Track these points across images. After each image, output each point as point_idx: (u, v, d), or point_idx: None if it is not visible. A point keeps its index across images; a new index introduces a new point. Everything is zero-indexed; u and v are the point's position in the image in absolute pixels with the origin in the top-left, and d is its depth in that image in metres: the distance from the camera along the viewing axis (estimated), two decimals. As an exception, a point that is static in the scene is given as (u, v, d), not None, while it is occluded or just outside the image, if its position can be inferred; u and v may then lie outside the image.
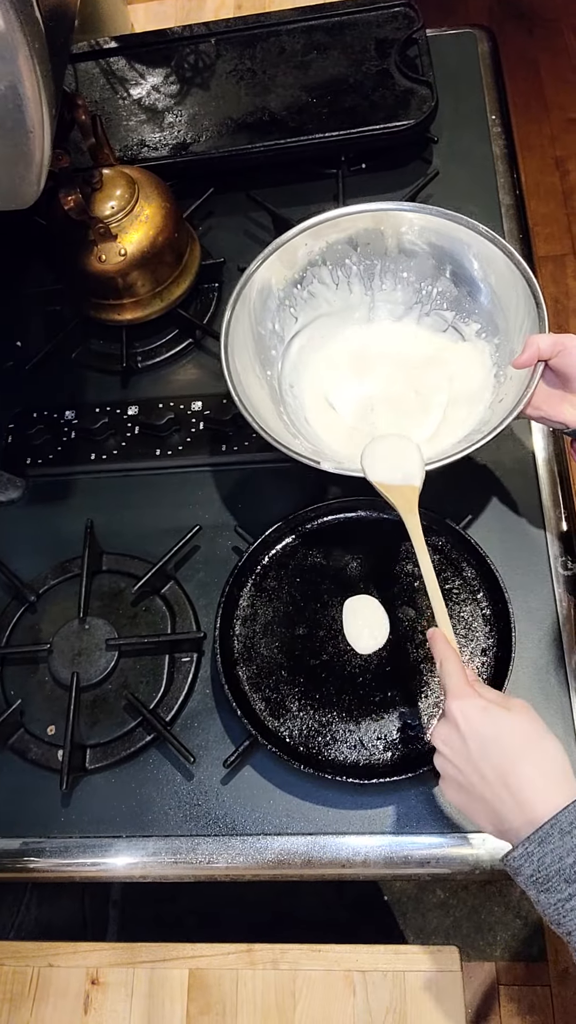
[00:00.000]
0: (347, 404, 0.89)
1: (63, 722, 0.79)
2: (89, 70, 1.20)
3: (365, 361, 0.91)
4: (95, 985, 0.78)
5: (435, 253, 0.88)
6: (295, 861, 0.74)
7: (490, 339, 0.87)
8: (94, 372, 1.01)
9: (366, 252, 0.90)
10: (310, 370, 0.91)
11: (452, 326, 0.90)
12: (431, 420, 0.86)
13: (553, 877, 0.51)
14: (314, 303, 0.92)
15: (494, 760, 0.56)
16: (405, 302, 0.92)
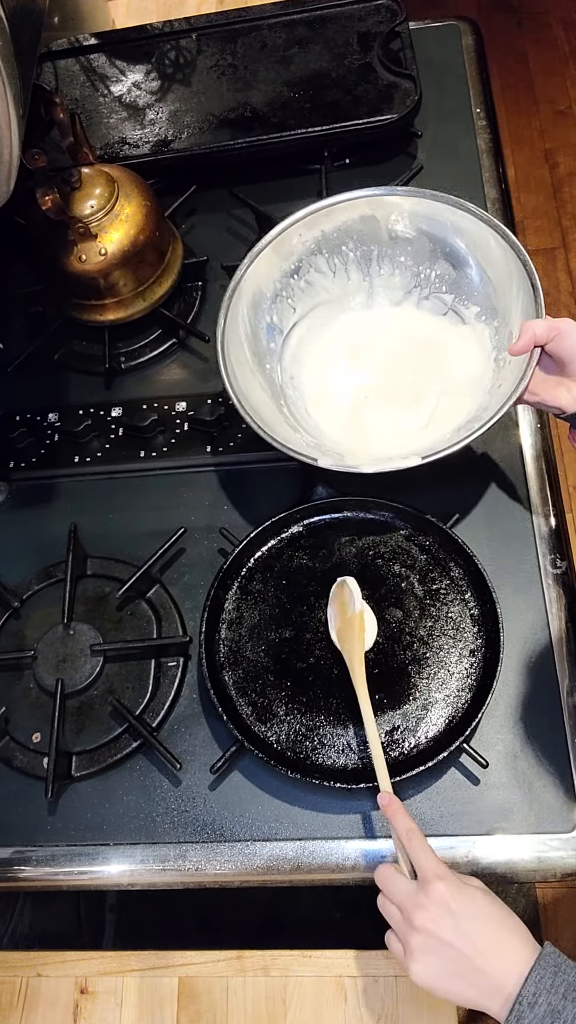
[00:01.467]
0: (343, 393, 0.88)
1: (48, 729, 0.78)
2: (69, 67, 1.18)
3: (363, 349, 0.91)
4: (84, 994, 0.77)
5: (431, 237, 0.88)
6: (284, 867, 0.73)
7: (489, 322, 0.86)
8: (77, 374, 1.00)
9: (362, 238, 0.89)
10: (310, 360, 0.91)
11: (452, 309, 0.89)
12: (424, 409, 0.86)
13: None
14: (312, 292, 0.91)
15: (476, 940, 0.58)
16: (404, 286, 0.91)
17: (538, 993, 0.55)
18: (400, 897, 0.61)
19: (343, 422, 0.87)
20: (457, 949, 0.58)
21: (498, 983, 0.57)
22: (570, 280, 2.05)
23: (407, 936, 0.60)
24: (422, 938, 0.59)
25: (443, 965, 0.58)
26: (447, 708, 0.74)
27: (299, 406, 0.88)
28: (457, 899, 0.59)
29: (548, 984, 0.55)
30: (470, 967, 0.57)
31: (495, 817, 0.72)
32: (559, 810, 0.71)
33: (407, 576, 0.80)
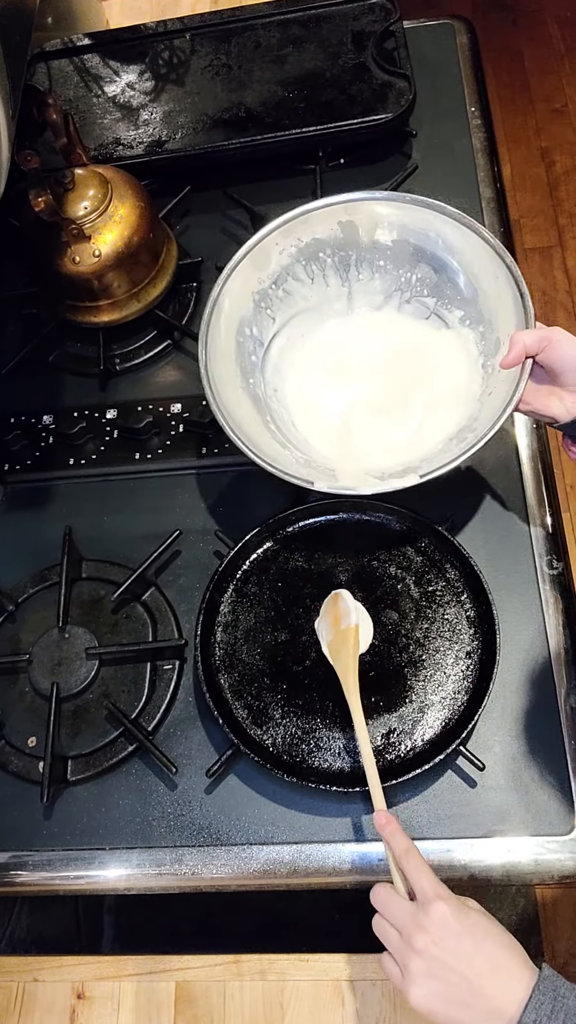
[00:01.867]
0: (329, 405, 0.87)
1: (44, 733, 0.78)
2: (63, 68, 1.18)
3: (346, 357, 0.89)
4: (81, 999, 0.77)
5: (411, 241, 0.86)
6: (280, 871, 0.73)
7: (474, 327, 0.85)
8: (71, 375, 1.00)
9: (340, 244, 0.87)
10: (293, 371, 0.89)
11: (434, 313, 0.88)
12: (413, 419, 0.85)
13: None
14: (290, 300, 0.90)
15: (476, 963, 0.57)
16: (384, 291, 0.90)
17: (538, 1020, 0.54)
18: (399, 918, 0.59)
19: (331, 435, 0.86)
20: (459, 973, 0.56)
21: (497, 1007, 0.56)
22: (567, 278, 2.04)
23: (407, 959, 0.58)
24: (424, 962, 0.57)
25: (444, 990, 0.57)
26: (443, 710, 0.74)
27: (285, 420, 0.86)
28: (459, 920, 0.58)
29: (548, 1011, 0.54)
30: (470, 991, 0.56)
31: (492, 820, 0.72)
32: (556, 812, 0.71)
33: (403, 578, 0.80)
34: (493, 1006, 0.56)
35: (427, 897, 0.59)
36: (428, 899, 0.58)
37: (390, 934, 0.60)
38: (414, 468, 0.77)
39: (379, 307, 0.90)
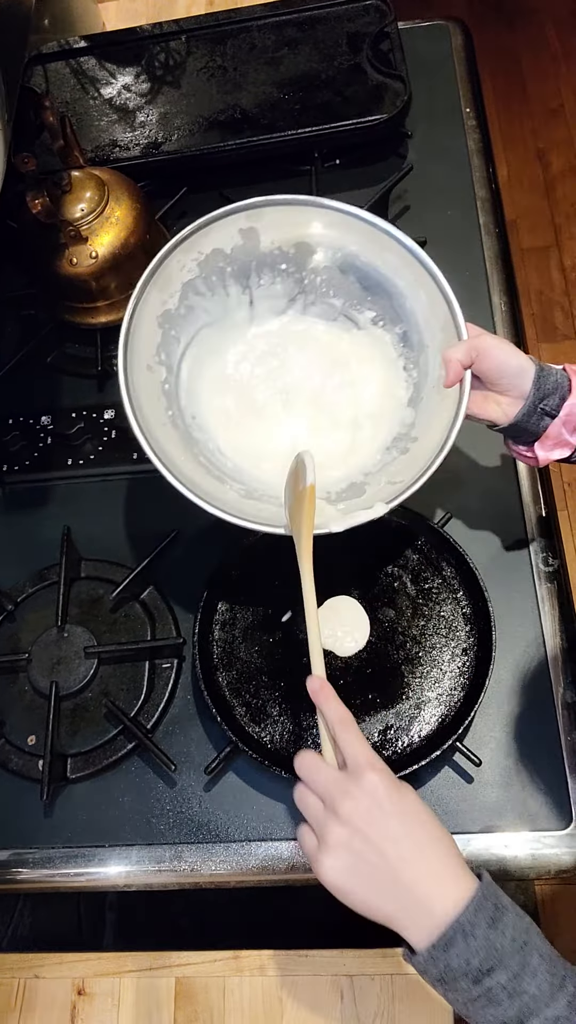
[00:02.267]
0: (251, 424, 0.82)
1: (43, 732, 0.78)
2: (59, 70, 1.18)
3: (258, 371, 0.84)
4: (82, 996, 0.77)
5: (313, 243, 0.81)
6: (279, 867, 0.73)
7: (390, 327, 0.82)
8: (69, 376, 1.00)
9: (240, 251, 0.81)
10: (205, 393, 0.82)
11: (343, 314, 0.83)
12: (342, 431, 0.81)
13: (460, 979, 0.49)
14: (192, 317, 0.81)
15: (405, 848, 0.52)
16: (287, 294, 0.84)
17: (476, 924, 0.49)
18: (325, 785, 0.54)
19: (259, 456, 0.80)
20: (382, 853, 0.51)
21: (422, 899, 0.51)
22: (563, 278, 2.05)
23: (326, 826, 0.53)
24: (345, 832, 0.52)
25: (361, 867, 0.52)
26: (440, 707, 0.75)
27: (210, 448, 0.79)
28: (392, 797, 0.53)
29: (488, 917, 0.50)
30: (392, 876, 0.51)
31: (489, 815, 0.72)
32: (553, 807, 0.72)
33: (399, 575, 0.80)
34: (418, 897, 0.51)
35: (359, 766, 0.54)
36: (361, 768, 0.54)
37: (311, 802, 0.55)
38: (359, 484, 0.76)
39: (282, 311, 0.85)
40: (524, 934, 0.50)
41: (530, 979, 0.49)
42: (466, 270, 0.98)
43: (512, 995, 0.48)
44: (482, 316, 0.95)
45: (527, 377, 0.69)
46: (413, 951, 0.51)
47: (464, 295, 0.96)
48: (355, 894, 0.52)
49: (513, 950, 0.49)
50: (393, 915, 0.51)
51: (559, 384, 0.69)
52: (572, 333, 1.98)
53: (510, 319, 0.95)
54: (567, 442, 0.71)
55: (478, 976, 0.49)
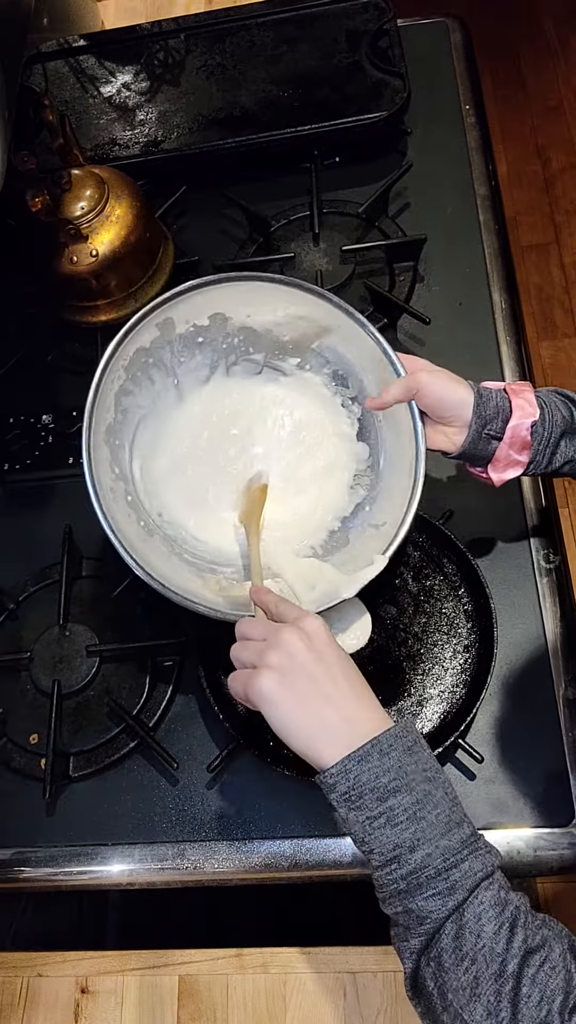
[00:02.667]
0: (218, 506, 0.81)
1: (45, 730, 0.78)
2: (59, 69, 1.18)
3: (202, 448, 0.82)
4: (85, 994, 0.77)
5: (228, 314, 0.78)
6: (281, 864, 0.73)
7: (318, 370, 0.81)
8: (70, 375, 1.00)
9: (158, 341, 0.77)
10: (160, 484, 0.79)
11: (266, 366, 0.82)
12: (306, 484, 0.81)
13: (366, 795, 0.51)
14: (128, 419, 0.78)
15: (337, 673, 0.55)
16: (208, 363, 0.81)
17: (393, 747, 0.52)
18: (264, 631, 0.58)
19: (237, 534, 0.79)
20: (314, 675, 0.55)
21: (346, 720, 0.54)
22: (563, 275, 2.05)
23: (264, 654, 0.56)
24: (282, 653, 0.55)
25: (295, 682, 0.54)
26: (442, 704, 0.75)
27: (185, 538, 0.78)
28: (329, 639, 0.57)
29: (405, 746, 0.53)
30: (323, 696, 0.54)
31: (491, 812, 0.72)
32: (555, 803, 0.72)
33: (401, 573, 0.80)
34: (343, 717, 0.54)
35: (300, 616, 0.58)
36: (300, 615, 0.58)
37: (249, 646, 0.58)
38: (340, 532, 0.77)
39: (207, 380, 0.82)
40: (435, 771, 0.53)
41: (431, 808, 0.51)
42: (466, 267, 0.98)
43: (412, 819, 0.51)
44: (482, 313, 0.95)
45: (468, 407, 0.69)
46: (323, 772, 0.53)
47: (464, 292, 0.97)
48: (283, 706, 0.54)
49: (422, 779, 0.52)
50: (317, 734, 0.54)
51: (500, 408, 0.69)
52: (572, 331, 1.98)
53: (510, 316, 0.95)
54: (517, 461, 0.71)
55: (384, 794, 0.51)
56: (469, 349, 0.93)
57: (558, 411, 0.70)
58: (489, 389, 0.71)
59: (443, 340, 0.94)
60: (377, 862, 0.52)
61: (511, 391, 0.70)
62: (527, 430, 0.69)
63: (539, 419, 0.69)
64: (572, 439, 0.70)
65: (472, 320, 0.95)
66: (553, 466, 0.71)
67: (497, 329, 0.94)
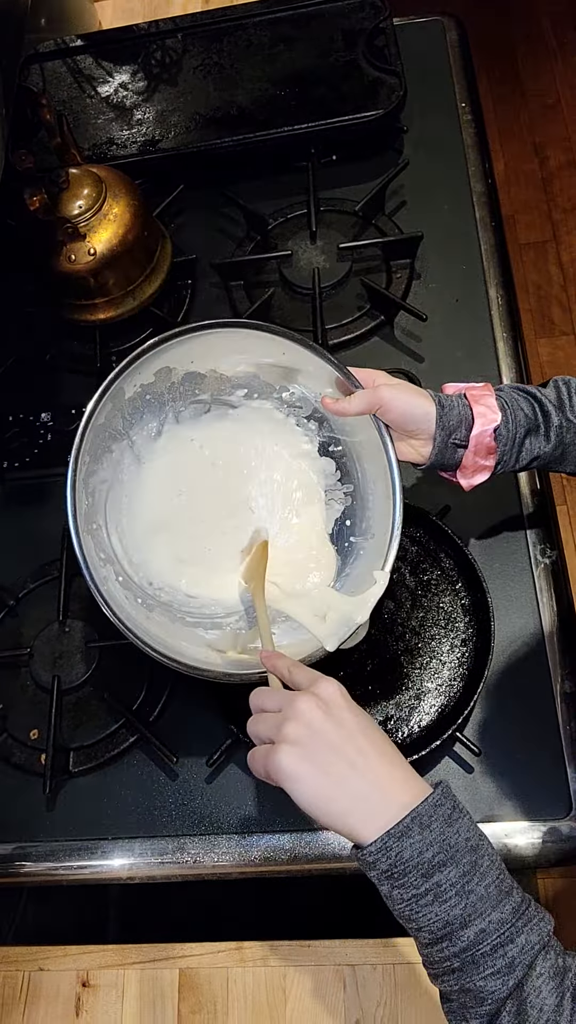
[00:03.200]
0: (208, 559, 0.78)
1: (45, 726, 0.79)
2: (56, 69, 1.19)
3: (177, 505, 0.78)
4: (86, 988, 0.77)
5: (171, 364, 0.74)
6: (281, 858, 0.74)
7: (267, 395, 0.78)
8: (69, 373, 1.01)
9: (110, 414, 0.73)
10: (144, 553, 0.75)
11: (214, 403, 0.79)
12: (282, 512, 0.79)
13: (410, 872, 0.49)
14: (97, 496, 0.74)
15: (364, 746, 0.52)
16: (156, 418, 0.77)
17: (433, 818, 0.49)
18: (279, 701, 0.55)
19: (233, 584, 0.77)
20: (337, 745, 0.51)
21: (378, 792, 0.51)
22: (561, 273, 2.05)
23: (281, 728, 0.52)
24: (300, 725, 0.52)
25: (317, 755, 0.51)
26: (440, 697, 0.75)
27: (184, 600, 0.75)
28: (348, 702, 0.54)
29: (445, 814, 0.50)
30: (349, 766, 0.51)
31: (490, 805, 0.73)
32: (553, 796, 0.72)
33: (398, 567, 0.81)
34: (374, 789, 0.51)
35: (314, 680, 0.55)
36: (315, 679, 0.55)
37: (265, 719, 0.55)
38: (331, 552, 0.76)
39: (158, 434, 0.77)
40: (478, 838, 0.51)
41: (479, 880, 0.49)
42: (463, 264, 0.98)
43: (460, 893, 0.48)
44: (479, 310, 0.95)
45: (432, 419, 0.69)
46: (361, 850, 0.50)
47: (461, 289, 0.97)
48: (311, 783, 0.51)
49: (466, 849, 0.49)
50: (347, 808, 0.51)
51: (463, 417, 0.69)
52: (570, 329, 1.99)
53: (507, 313, 0.95)
54: (484, 466, 0.71)
55: (429, 870, 0.49)
56: (466, 346, 0.93)
57: (520, 410, 0.69)
58: (450, 398, 0.70)
59: (440, 337, 0.95)
60: (426, 939, 0.50)
61: (472, 398, 0.70)
62: (490, 436, 0.69)
63: (502, 422, 0.68)
64: (536, 435, 0.70)
65: (469, 317, 0.95)
66: (520, 464, 0.71)
67: (494, 326, 0.94)
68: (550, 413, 0.69)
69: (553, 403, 0.70)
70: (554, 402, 0.70)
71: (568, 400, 0.70)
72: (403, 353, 0.95)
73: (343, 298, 0.98)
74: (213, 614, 0.75)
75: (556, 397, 0.70)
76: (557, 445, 0.70)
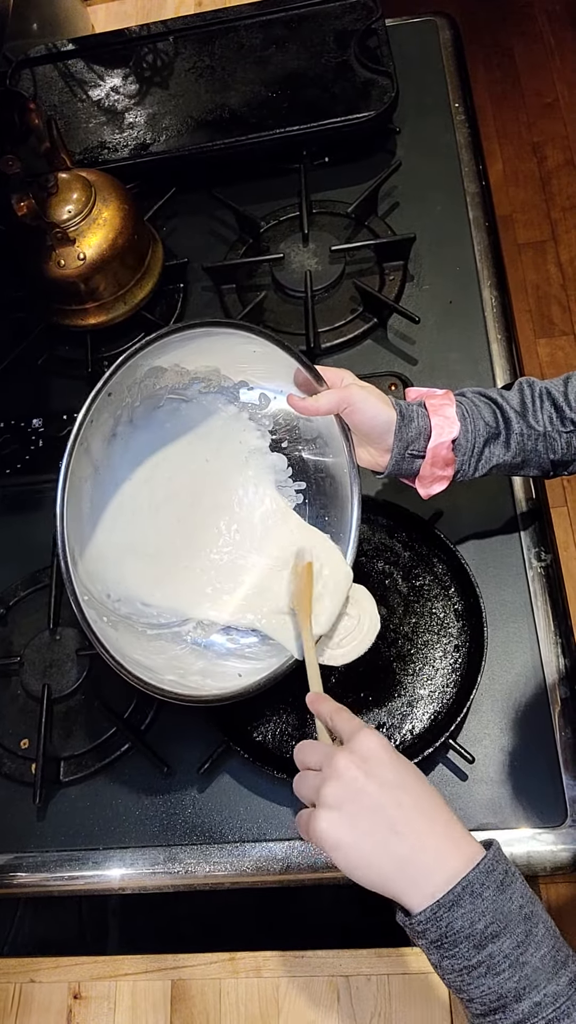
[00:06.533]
0: (180, 564, 0.76)
1: (36, 735, 0.78)
2: (48, 74, 1.18)
3: (129, 508, 0.74)
4: (78, 1000, 0.77)
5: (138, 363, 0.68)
6: (274, 867, 0.73)
7: (221, 388, 0.75)
8: (60, 379, 1.00)
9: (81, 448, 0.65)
10: (101, 564, 0.71)
11: (168, 396, 0.74)
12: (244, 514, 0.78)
13: (461, 943, 0.46)
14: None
15: (407, 802, 0.50)
16: (113, 415, 0.71)
17: (486, 886, 0.47)
18: (319, 758, 0.53)
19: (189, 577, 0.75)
20: (379, 804, 0.49)
21: (425, 857, 0.48)
22: (560, 272, 2.04)
23: (321, 789, 0.51)
24: (340, 786, 0.50)
25: (358, 819, 0.49)
26: (432, 704, 0.74)
27: (141, 611, 0.73)
28: (390, 754, 0.51)
29: (497, 880, 0.47)
30: (392, 828, 0.49)
31: (484, 812, 0.72)
32: (548, 803, 0.71)
33: (391, 573, 0.80)
34: (421, 853, 0.48)
35: (354, 731, 0.53)
36: (355, 732, 0.52)
37: (308, 778, 0.53)
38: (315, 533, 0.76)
39: (112, 437, 0.72)
40: (531, 904, 0.48)
41: (534, 951, 0.46)
42: (456, 266, 0.98)
43: (514, 965, 0.46)
44: (473, 311, 0.94)
45: (392, 431, 0.68)
46: (408, 914, 0.48)
47: (454, 291, 0.96)
48: (351, 849, 0.49)
49: (520, 918, 0.47)
50: (391, 874, 0.49)
51: (421, 428, 0.68)
52: (570, 329, 1.98)
53: (501, 314, 0.94)
54: (441, 476, 0.70)
55: (482, 941, 0.46)
56: (460, 348, 0.93)
57: (480, 419, 0.68)
58: (411, 407, 0.69)
59: (434, 339, 0.94)
60: (477, 1011, 0.48)
61: (431, 408, 0.68)
62: (448, 448, 0.68)
63: (460, 432, 0.67)
64: (495, 443, 0.69)
65: (463, 319, 0.94)
66: (480, 472, 0.70)
67: (488, 328, 0.93)
68: (511, 420, 0.68)
69: (515, 409, 0.69)
70: (516, 408, 0.69)
71: (531, 405, 0.69)
72: (396, 356, 0.94)
73: (336, 301, 0.97)
74: (169, 623, 0.74)
75: (519, 402, 0.69)
76: (517, 452, 0.69)
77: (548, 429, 0.68)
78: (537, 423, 0.68)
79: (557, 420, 0.68)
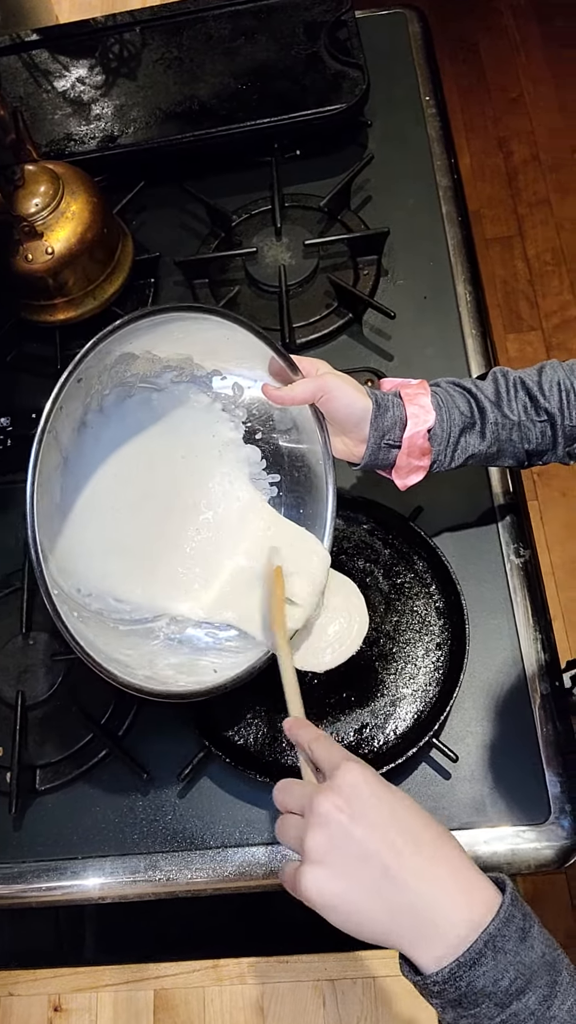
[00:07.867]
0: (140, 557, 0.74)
1: (10, 743, 0.76)
2: (11, 64, 1.15)
3: (100, 503, 0.72)
4: (58, 1012, 0.75)
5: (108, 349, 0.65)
6: (256, 872, 0.72)
7: (192, 377, 0.73)
8: (29, 376, 0.98)
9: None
10: (72, 559, 0.69)
11: (140, 384, 0.72)
12: (219, 505, 0.76)
13: (483, 1002, 0.42)
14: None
15: (398, 841, 0.45)
16: (83, 403, 0.68)
17: (507, 939, 0.42)
18: (299, 798, 0.48)
19: (178, 565, 0.74)
20: (368, 850, 0.44)
21: (432, 908, 0.43)
22: (527, 268, 2.05)
23: (304, 838, 0.46)
24: (323, 835, 0.45)
25: (348, 870, 0.44)
26: (415, 703, 0.74)
27: (113, 607, 0.71)
28: (374, 788, 0.46)
29: (518, 929, 0.43)
30: (387, 877, 0.43)
31: (468, 811, 0.71)
32: (531, 801, 0.71)
33: (371, 571, 0.79)
34: (426, 904, 0.43)
35: (334, 763, 0.48)
36: (336, 764, 0.48)
37: (290, 822, 0.48)
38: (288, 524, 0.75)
39: (82, 425, 0.69)
40: (551, 949, 0.44)
41: (561, 1002, 0.42)
42: (430, 260, 0.97)
43: (540, 1020, 0.42)
44: (447, 306, 0.94)
45: (368, 420, 0.67)
46: (417, 970, 0.44)
47: (429, 285, 0.96)
48: (344, 904, 0.44)
49: (543, 968, 0.43)
50: (392, 927, 0.44)
51: (397, 418, 0.67)
52: (538, 324, 1.99)
53: (475, 309, 0.94)
54: (418, 467, 0.70)
55: (506, 999, 0.42)
56: (435, 343, 0.92)
57: (455, 408, 0.68)
58: (386, 396, 0.68)
59: (409, 334, 0.93)
60: None
61: (406, 397, 0.68)
62: (423, 438, 0.67)
63: (436, 422, 0.67)
64: (471, 433, 0.69)
65: (438, 314, 0.94)
66: (456, 462, 0.70)
67: (463, 322, 0.93)
68: (486, 409, 0.68)
69: (490, 398, 0.68)
70: (491, 397, 0.69)
71: (506, 394, 0.69)
72: (372, 351, 0.93)
73: (310, 296, 0.96)
74: (142, 619, 0.72)
75: (494, 391, 0.69)
76: (493, 442, 0.69)
77: (523, 418, 0.68)
78: (512, 412, 0.68)
79: (532, 410, 0.68)
